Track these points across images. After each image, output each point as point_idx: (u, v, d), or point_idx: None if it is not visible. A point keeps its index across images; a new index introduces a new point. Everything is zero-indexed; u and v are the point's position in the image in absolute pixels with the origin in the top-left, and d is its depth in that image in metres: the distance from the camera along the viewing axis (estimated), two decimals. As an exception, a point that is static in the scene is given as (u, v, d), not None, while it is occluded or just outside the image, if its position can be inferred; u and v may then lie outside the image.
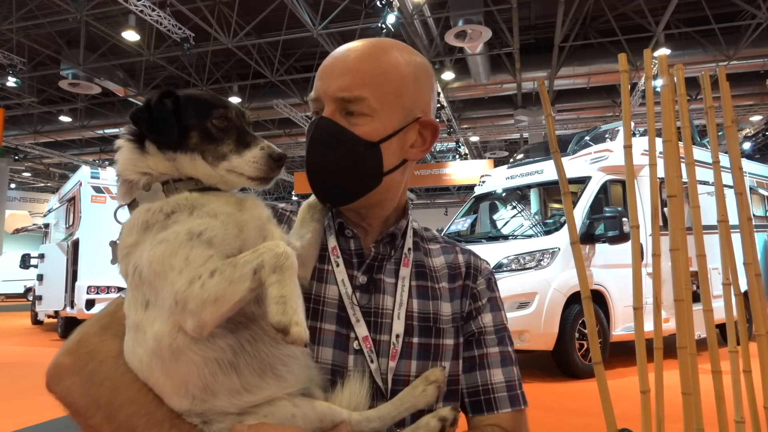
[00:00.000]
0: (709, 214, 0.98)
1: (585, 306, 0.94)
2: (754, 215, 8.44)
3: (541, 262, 5.90)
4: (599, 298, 6.11)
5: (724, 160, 1.06)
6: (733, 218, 0.95)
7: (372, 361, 0.89)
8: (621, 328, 6.27)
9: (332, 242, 0.96)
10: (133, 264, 0.73)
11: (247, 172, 0.78)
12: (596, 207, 6.34)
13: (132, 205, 0.80)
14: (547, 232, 6.45)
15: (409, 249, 1.00)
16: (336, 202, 0.94)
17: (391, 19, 9.95)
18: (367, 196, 0.92)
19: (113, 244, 0.79)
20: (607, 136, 7.34)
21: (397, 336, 0.91)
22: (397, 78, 0.91)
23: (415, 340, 0.93)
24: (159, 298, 0.69)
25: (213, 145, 0.79)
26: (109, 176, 10.12)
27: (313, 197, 0.96)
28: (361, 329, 0.90)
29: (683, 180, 0.97)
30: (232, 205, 0.79)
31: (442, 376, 0.87)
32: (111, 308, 0.84)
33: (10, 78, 13.21)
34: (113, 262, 0.79)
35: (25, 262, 15.06)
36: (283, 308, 0.64)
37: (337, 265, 0.94)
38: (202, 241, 0.70)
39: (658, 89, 0.98)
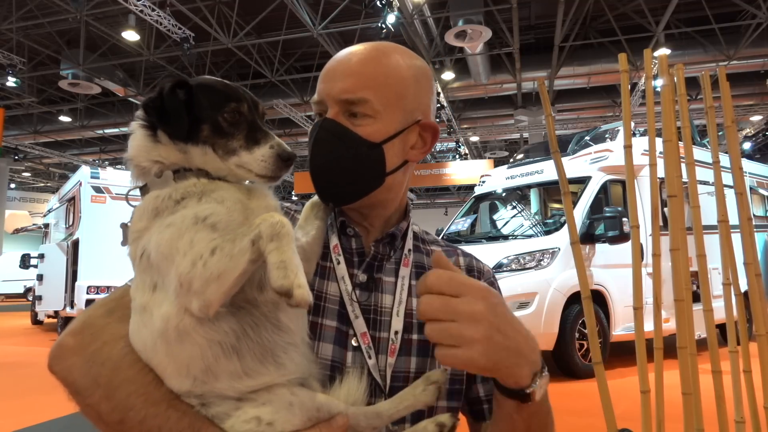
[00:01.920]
0: (709, 214, 0.98)
1: (585, 306, 0.94)
2: (754, 215, 8.44)
3: (541, 262, 5.90)
4: (599, 298, 6.11)
5: (724, 160, 1.06)
6: (733, 218, 0.95)
7: (370, 357, 0.89)
8: (621, 328, 6.27)
9: (334, 240, 0.97)
10: (141, 247, 0.74)
11: (255, 170, 0.79)
12: (596, 207, 6.35)
13: (144, 189, 0.81)
14: (547, 232, 6.46)
15: (410, 250, 1.02)
16: (338, 201, 0.96)
17: (391, 19, 9.96)
18: (370, 196, 0.94)
19: (124, 226, 0.81)
20: (607, 136, 7.35)
21: (396, 332, 0.92)
22: (399, 81, 0.92)
23: (415, 336, 0.94)
24: (166, 280, 0.71)
25: (224, 140, 0.79)
26: (109, 176, 10.12)
27: (316, 197, 0.97)
28: (360, 325, 0.91)
29: (683, 180, 0.97)
30: (242, 193, 0.80)
31: (443, 377, 0.88)
32: (117, 294, 0.85)
33: (10, 78, 13.21)
34: (123, 243, 0.80)
35: (25, 262, 15.07)
36: (284, 272, 0.64)
37: (338, 263, 0.95)
38: (207, 225, 0.71)
39: (658, 89, 0.97)
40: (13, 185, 25.58)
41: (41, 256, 11.49)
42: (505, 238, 6.91)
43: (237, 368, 0.72)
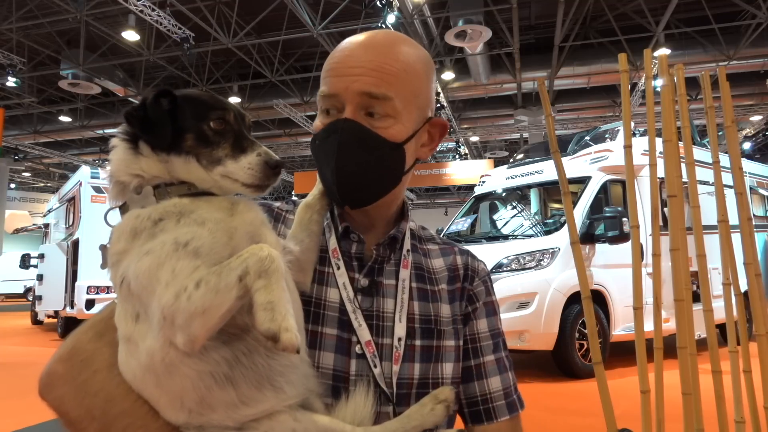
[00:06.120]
0: (709, 214, 0.98)
1: (585, 306, 0.94)
2: (754, 215, 8.44)
3: (541, 262, 5.90)
4: (599, 298, 6.11)
5: (724, 160, 1.06)
6: (733, 218, 0.95)
7: (375, 366, 0.87)
8: (621, 328, 6.27)
9: (333, 244, 0.94)
10: (121, 274, 0.71)
11: (241, 179, 0.76)
12: (596, 207, 6.35)
13: (123, 208, 0.78)
14: (547, 232, 6.46)
15: (408, 250, 0.99)
16: (358, 204, 0.92)
17: (391, 19, 9.95)
18: (385, 197, 0.92)
19: (103, 248, 0.78)
20: (607, 136, 7.35)
21: (399, 339, 0.90)
22: (416, 78, 0.90)
23: (418, 342, 0.92)
24: (148, 312, 0.68)
25: (208, 149, 0.76)
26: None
27: (310, 198, 0.94)
28: (364, 333, 0.88)
29: (683, 180, 0.97)
30: (224, 211, 0.76)
31: (452, 395, 0.86)
32: (106, 313, 0.81)
33: (10, 78, 13.20)
34: (103, 266, 0.77)
35: (25, 262, 15.07)
36: (271, 315, 0.62)
37: (338, 268, 0.92)
38: (188, 251, 0.68)
39: (658, 89, 0.97)
40: (13, 185, 25.57)
41: (41, 256, 11.48)
42: (505, 238, 6.90)
43: (233, 398, 0.70)
